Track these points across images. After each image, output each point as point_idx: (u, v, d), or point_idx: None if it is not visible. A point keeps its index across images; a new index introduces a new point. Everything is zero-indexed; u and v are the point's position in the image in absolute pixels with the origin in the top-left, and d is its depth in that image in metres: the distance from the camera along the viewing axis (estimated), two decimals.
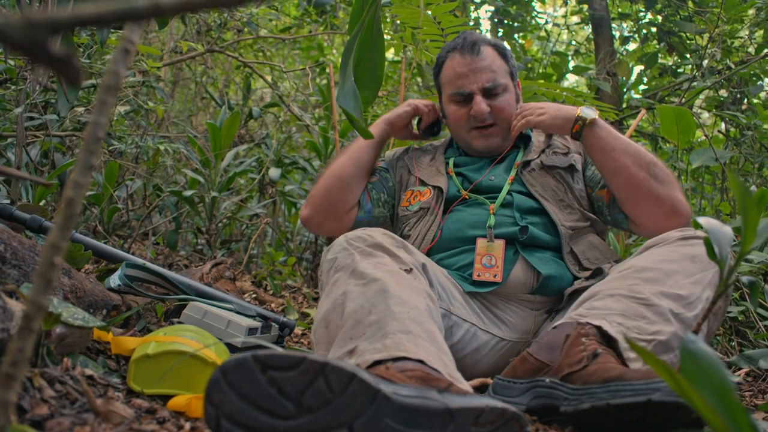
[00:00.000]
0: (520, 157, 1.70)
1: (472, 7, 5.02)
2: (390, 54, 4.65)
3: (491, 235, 1.52)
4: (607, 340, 1.15)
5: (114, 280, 1.43)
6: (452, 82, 1.69)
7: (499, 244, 1.50)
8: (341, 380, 0.79)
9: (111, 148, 2.59)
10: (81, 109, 2.37)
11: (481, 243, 1.52)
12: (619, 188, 1.50)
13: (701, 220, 0.91)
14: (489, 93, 1.66)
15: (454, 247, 1.57)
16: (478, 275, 1.49)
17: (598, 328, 1.16)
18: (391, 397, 0.79)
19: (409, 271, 1.24)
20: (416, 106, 1.78)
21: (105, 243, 1.73)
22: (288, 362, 0.79)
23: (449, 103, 1.71)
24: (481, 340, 1.46)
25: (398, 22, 2.98)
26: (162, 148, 2.69)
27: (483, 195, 1.62)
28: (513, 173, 1.65)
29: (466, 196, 1.63)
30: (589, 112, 1.51)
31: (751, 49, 3.82)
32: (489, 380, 1.33)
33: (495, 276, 1.48)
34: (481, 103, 1.64)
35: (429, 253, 1.59)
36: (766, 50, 3.54)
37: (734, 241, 1.44)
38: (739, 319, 1.93)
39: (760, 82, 3.73)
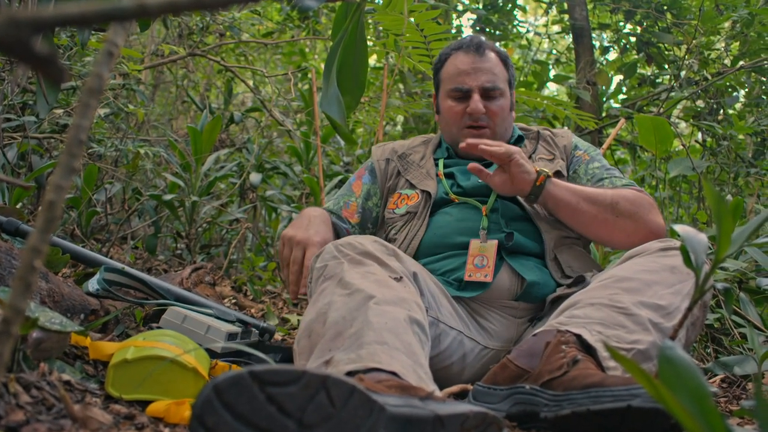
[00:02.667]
0: None
1: (455, 15, 5.06)
2: (372, 60, 4.66)
3: (484, 236, 1.53)
4: (586, 348, 1.16)
5: (92, 285, 1.41)
6: (453, 78, 1.71)
7: (492, 244, 1.51)
8: (343, 393, 0.75)
9: (90, 150, 2.56)
10: (60, 111, 2.34)
11: (474, 244, 1.52)
12: (590, 235, 1.55)
13: (677, 227, 0.92)
14: (487, 94, 1.68)
15: (439, 252, 1.57)
16: (470, 275, 1.49)
17: (578, 337, 1.16)
18: (385, 407, 0.78)
19: (398, 279, 1.23)
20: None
21: (83, 247, 1.71)
22: (288, 377, 0.74)
23: (446, 98, 1.73)
24: (467, 347, 1.47)
25: (381, 28, 2.99)
26: (142, 151, 2.66)
27: (471, 197, 1.63)
28: None
29: (455, 200, 1.63)
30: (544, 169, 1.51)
31: (727, 61, 3.89)
32: (469, 387, 1.33)
33: (486, 276, 1.48)
34: (478, 102, 1.66)
35: (415, 257, 1.58)
36: (741, 62, 3.61)
37: (710, 249, 1.46)
38: (715, 326, 1.96)
39: (735, 94, 3.80)
